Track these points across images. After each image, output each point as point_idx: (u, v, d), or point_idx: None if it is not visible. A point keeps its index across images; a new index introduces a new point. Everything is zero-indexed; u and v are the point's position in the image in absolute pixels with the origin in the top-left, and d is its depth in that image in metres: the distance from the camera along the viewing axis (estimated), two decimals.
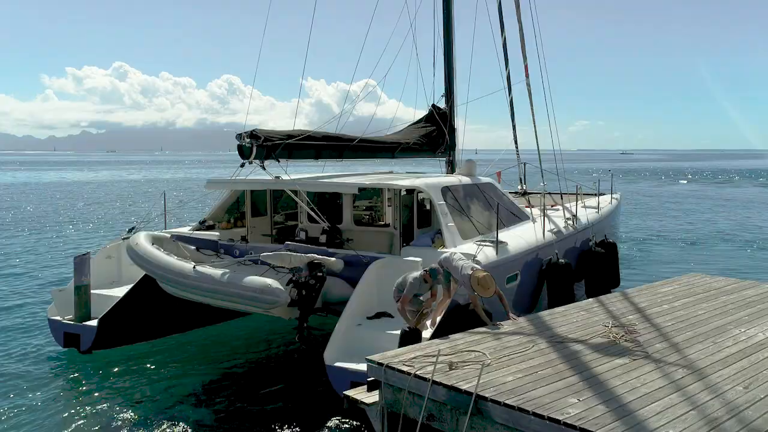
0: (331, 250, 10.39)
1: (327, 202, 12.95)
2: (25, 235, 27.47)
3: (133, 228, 12.27)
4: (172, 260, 9.92)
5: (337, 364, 8.38)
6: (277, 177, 10.94)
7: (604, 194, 17.40)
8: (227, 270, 9.60)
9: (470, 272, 8.68)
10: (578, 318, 9.15)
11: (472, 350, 7.57)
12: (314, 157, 11.93)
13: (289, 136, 11.00)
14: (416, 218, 12.13)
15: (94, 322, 10.85)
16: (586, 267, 13.34)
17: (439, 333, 8.36)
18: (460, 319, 8.75)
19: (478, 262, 9.32)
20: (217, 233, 12.01)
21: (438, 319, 8.76)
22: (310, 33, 13.65)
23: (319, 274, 9.57)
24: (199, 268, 9.54)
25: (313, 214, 11.03)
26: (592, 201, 16.90)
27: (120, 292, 11.44)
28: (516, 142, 18.06)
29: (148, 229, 12.34)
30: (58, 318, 11.22)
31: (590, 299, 10.38)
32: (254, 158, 10.37)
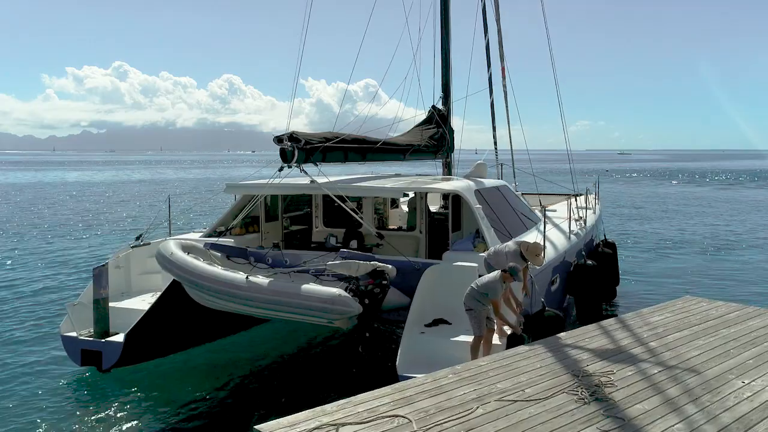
0: (378, 256, 9.83)
1: (340, 206, 12.60)
2: (19, 241, 25.42)
3: (140, 236, 11.64)
4: (221, 271, 9.20)
5: (411, 374, 7.72)
6: (312, 181, 10.60)
7: (582, 195, 17.18)
8: (283, 280, 9.10)
9: (518, 246, 8.83)
10: (545, 361, 7.41)
11: (394, 415, 5.83)
12: (342, 159, 11.78)
13: (326, 139, 10.87)
14: (451, 222, 11.58)
15: (118, 338, 9.95)
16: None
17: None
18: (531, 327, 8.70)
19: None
20: (231, 239, 11.41)
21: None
22: (305, 34, 13.71)
23: (384, 282, 8.97)
24: (252, 278, 8.87)
25: (360, 219, 10.95)
26: (571, 201, 16.74)
27: (131, 303, 10.82)
28: (495, 143, 17.47)
29: (154, 235, 11.84)
30: (73, 334, 10.18)
31: (563, 333, 8.62)
32: (295, 162, 10.09)
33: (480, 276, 8.71)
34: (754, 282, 17.90)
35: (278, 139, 10.04)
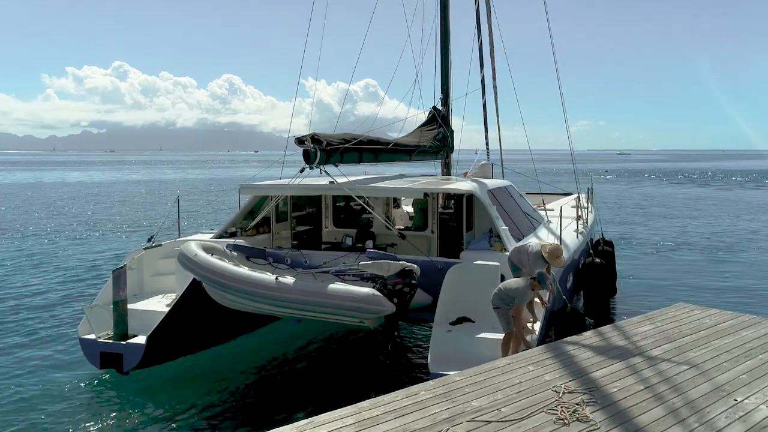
0: (399, 256, 9.78)
1: (348, 207, 13.02)
2: (22, 243, 24.82)
3: (152, 237, 11.65)
4: (249, 272, 9.20)
5: (443, 371, 7.78)
6: (331, 182, 10.67)
7: (571, 194, 17.83)
8: (310, 280, 9.13)
9: (539, 248, 8.83)
10: (525, 376, 6.97)
11: None
12: (357, 160, 11.88)
13: (344, 140, 11.00)
14: (465, 222, 11.65)
15: (139, 340, 9.87)
16: None
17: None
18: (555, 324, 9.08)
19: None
20: (242, 240, 11.35)
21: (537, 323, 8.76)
22: (306, 35, 13.89)
23: (413, 281, 8.98)
24: (281, 279, 8.89)
25: (382, 219, 11.37)
26: (561, 200, 17.41)
27: (145, 305, 10.77)
28: (487, 143, 17.64)
29: (163, 236, 11.86)
30: (92, 336, 10.07)
31: (546, 345, 8.19)
32: (317, 163, 10.18)
33: (502, 276, 9.06)
34: (754, 286, 17.45)
35: (299, 141, 10.07)
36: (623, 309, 14.16)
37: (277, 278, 8.88)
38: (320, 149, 10.10)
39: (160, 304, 10.75)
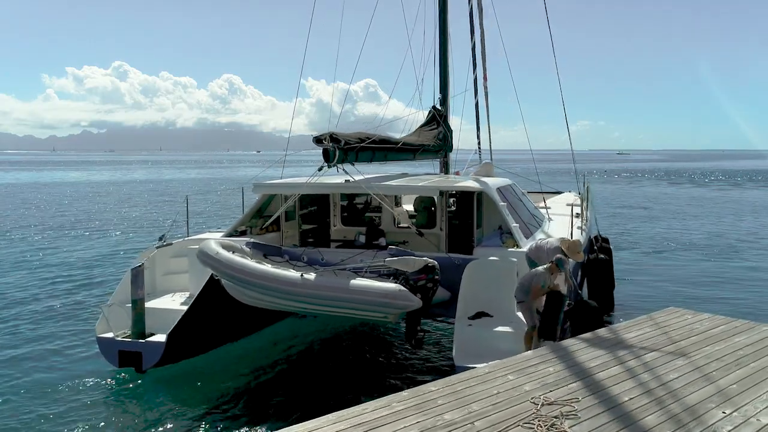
0: (418, 253, 10.04)
1: (352, 205, 13.31)
2: (23, 244, 24.68)
3: (162, 236, 11.77)
4: (274, 269, 9.32)
5: (468, 364, 8.01)
6: (347, 180, 10.86)
7: (562, 192, 18.10)
8: (336, 276, 9.19)
9: (557, 243, 9.16)
10: (503, 386, 6.64)
11: None
12: (369, 159, 12.04)
13: (360, 140, 11.19)
14: (475, 219, 11.83)
15: (159, 338, 9.97)
16: None
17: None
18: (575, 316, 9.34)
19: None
20: (251, 239, 11.43)
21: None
22: (308, 36, 13.94)
23: (436, 277, 9.18)
24: (306, 276, 9.03)
25: (397, 216, 11.68)
26: (553, 198, 17.54)
27: (159, 303, 10.87)
28: (479, 143, 17.36)
29: (172, 235, 12.06)
30: (110, 335, 10.16)
31: (529, 353, 7.86)
32: (336, 162, 10.34)
33: (518, 273, 9.32)
34: (750, 288, 17.11)
35: (318, 140, 10.26)
36: (618, 310, 14.05)
37: (302, 275, 8.99)
38: (338, 148, 10.25)
39: (174, 303, 10.87)
